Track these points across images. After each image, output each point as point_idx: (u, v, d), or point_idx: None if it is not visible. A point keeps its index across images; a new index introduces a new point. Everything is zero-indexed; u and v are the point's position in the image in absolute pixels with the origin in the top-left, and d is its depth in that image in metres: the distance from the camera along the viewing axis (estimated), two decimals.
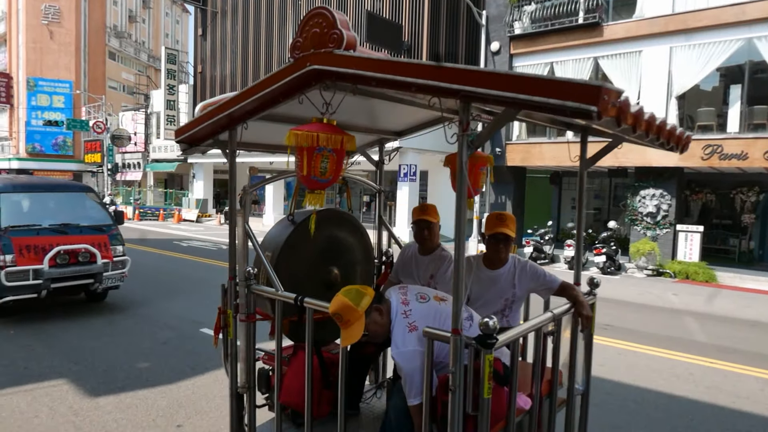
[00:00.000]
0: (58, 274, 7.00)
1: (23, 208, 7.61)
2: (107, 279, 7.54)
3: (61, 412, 4.50)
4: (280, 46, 23.63)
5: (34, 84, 47.25)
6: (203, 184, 27.79)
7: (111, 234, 7.82)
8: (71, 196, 8.29)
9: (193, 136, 3.09)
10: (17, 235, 6.88)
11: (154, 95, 31.97)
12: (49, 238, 7.08)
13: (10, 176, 10.61)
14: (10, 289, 6.66)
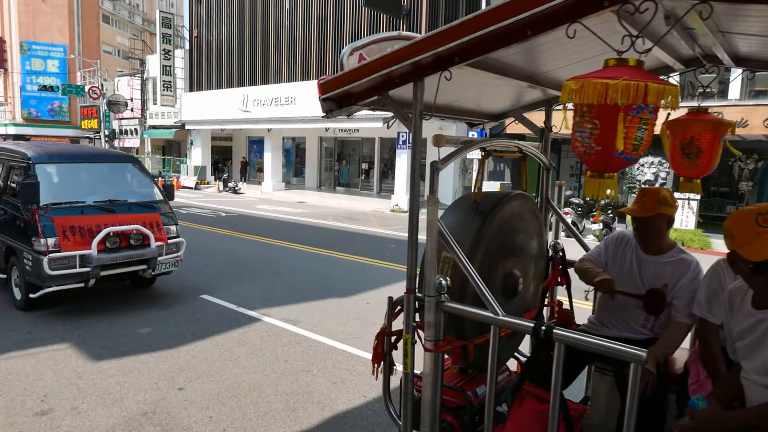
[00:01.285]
0: (108, 260, 6.07)
1: (62, 181, 6.61)
2: (161, 264, 6.59)
3: (65, 374, 4.64)
4: (277, 10, 23.13)
5: (28, 48, 46.38)
6: (201, 151, 27.67)
7: (163, 212, 6.87)
8: (114, 167, 7.30)
9: (349, 92, 2.38)
10: (59, 214, 5.93)
11: (150, 60, 31.46)
12: (96, 217, 6.16)
13: (41, 143, 9.10)
14: (53, 278, 5.77)
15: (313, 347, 5.49)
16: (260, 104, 23.29)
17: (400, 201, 18.72)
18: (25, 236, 6.01)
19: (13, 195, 6.50)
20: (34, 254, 5.78)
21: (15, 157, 6.70)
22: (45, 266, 5.64)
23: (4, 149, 7.08)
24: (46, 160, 6.49)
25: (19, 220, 6.17)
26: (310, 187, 26.50)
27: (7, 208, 6.57)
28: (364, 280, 8.40)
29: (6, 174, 6.83)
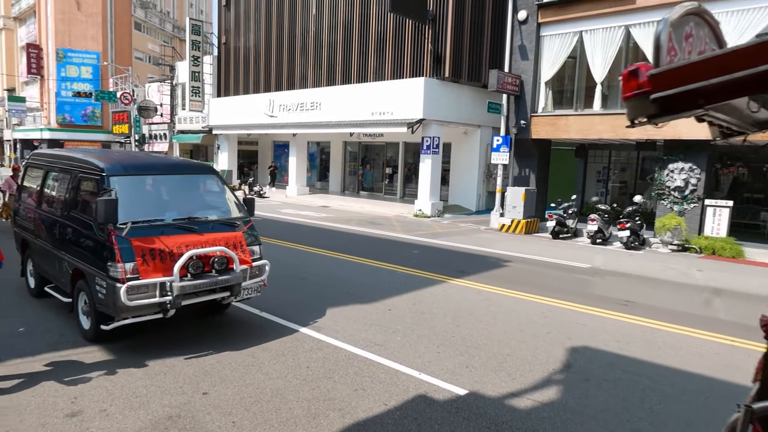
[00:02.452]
0: (191, 288, 5.24)
1: (137, 196, 5.76)
2: (245, 290, 5.82)
3: (95, 377, 4.77)
4: (303, 16, 23.39)
5: (63, 55, 47.90)
6: (227, 155, 28.11)
7: (245, 230, 6.06)
8: (193, 179, 6.46)
9: (701, 91, 1.63)
10: (138, 235, 5.14)
11: (179, 66, 32.15)
12: (176, 238, 5.34)
13: (111, 151, 7.97)
14: (130, 309, 5.01)
15: (334, 354, 5.52)
16: (286, 109, 23.56)
17: (423, 206, 18.69)
18: (97, 259, 5.25)
19: (82, 210, 5.81)
20: (108, 281, 5.03)
21: (85, 167, 5.92)
22: (122, 296, 4.87)
23: (72, 159, 6.42)
24: (120, 171, 5.65)
25: (91, 240, 5.42)
26: (334, 191, 26.67)
27: (75, 225, 5.80)
28: (387, 287, 8.41)
29: (75, 187, 6.05)
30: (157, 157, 7.60)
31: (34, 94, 51.23)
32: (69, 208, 6.03)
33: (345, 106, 20.67)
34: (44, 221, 6.63)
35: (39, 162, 7.40)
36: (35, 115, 51.44)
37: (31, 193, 7.38)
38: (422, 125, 18.33)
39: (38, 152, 7.89)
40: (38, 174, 7.25)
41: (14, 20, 56.94)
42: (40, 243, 6.71)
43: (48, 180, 6.92)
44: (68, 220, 5.97)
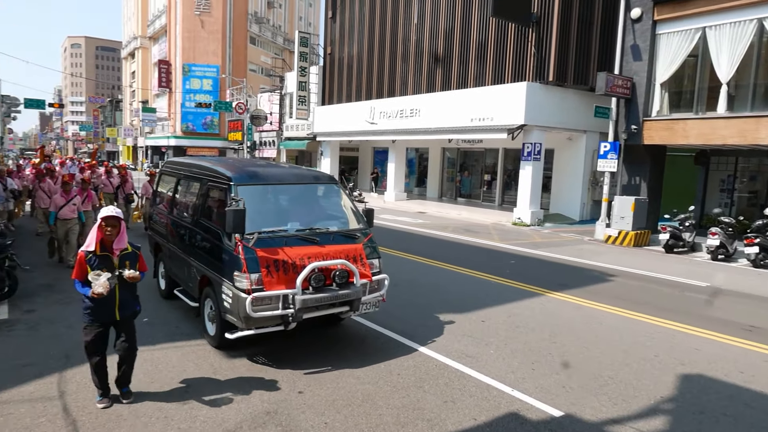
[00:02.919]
0: (313, 302, 5.15)
1: (262, 206, 5.79)
2: (363, 305, 5.64)
3: (204, 368, 5.18)
4: (405, 25, 23.74)
5: (188, 69, 52.72)
6: (330, 161, 29.20)
7: (366, 243, 5.89)
8: (314, 188, 6.47)
9: None
10: (263, 245, 5.14)
11: (288, 77, 34.02)
12: (299, 249, 5.29)
13: (237, 160, 8.30)
14: (254, 320, 4.99)
15: (425, 363, 5.52)
16: (386, 116, 24.02)
17: (522, 214, 18.12)
18: (224, 268, 5.29)
19: (210, 218, 5.93)
20: (234, 290, 5.06)
21: (213, 176, 6.08)
22: (248, 306, 4.86)
23: (201, 167, 6.60)
24: (246, 180, 5.70)
25: (218, 248, 5.48)
26: (431, 197, 26.70)
27: (203, 232, 5.96)
28: (481, 297, 8.27)
29: (203, 195, 6.24)
30: (280, 166, 7.53)
31: (163, 106, 56.84)
32: (198, 215, 6.20)
33: (444, 113, 20.65)
34: (175, 227, 6.91)
35: (171, 169, 7.73)
36: (163, 124, 57.03)
37: (164, 199, 7.75)
38: (523, 131, 17.80)
39: (171, 160, 8.23)
40: (171, 181, 7.59)
41: (149, 39, 63.64)
42: (171, 247, 7.00)
43: (179, 187, 7.24)
44: (197, 227, 6.14)
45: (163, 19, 56.90)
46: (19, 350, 5.55)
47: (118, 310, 4.30)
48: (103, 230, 4.19)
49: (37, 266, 9.17)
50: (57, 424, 4.10)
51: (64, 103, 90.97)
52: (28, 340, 5.89)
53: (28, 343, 5.77)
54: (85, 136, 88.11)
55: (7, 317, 6.64)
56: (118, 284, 4.21)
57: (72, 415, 4.24)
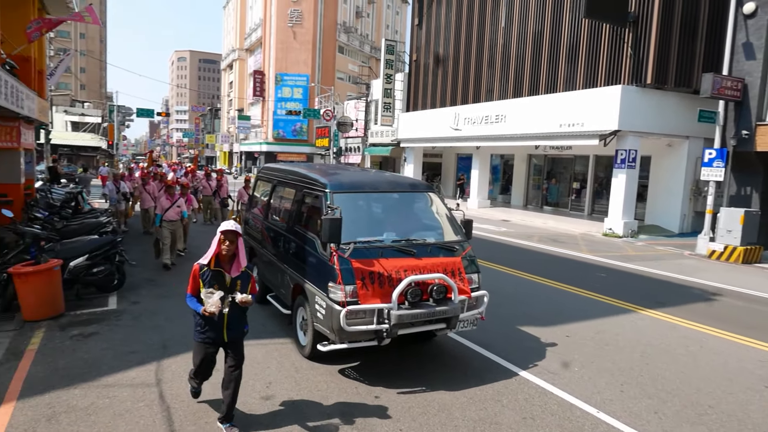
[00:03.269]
0: (409, 318, 4.87)
1: (357, 214, 5.58)
2: (461, 323, 5.30)
3: (286, 366, 5.38)
4: (492, 29, 23.38)
5: (280, 79, 55.32)
6: (413, 167, 29.32)
7: (464, 256, 5.57)
8: (411, 197, 6.22)
9: None
10: (358, 256, 4.97)
11: (374, 84, 34.65)
12: (395, 261, 5.06)
13: (332, 166, 8.18)
14: (348, 334, 4.82)
15: (503, 375, 5.36)
16: (470, 122, 23.75)
17: (614, 225, 17.13)
18: (318, 277, 5.20)
19: (305, 226, 5.86)
20: (328, 302, 4.92)
21: (307, 183, 6.03)
22: (342, 320, 4.70)
23: (296, 174, 6.57)
24: (341, 188, 5.56)
25: (312, 257, 5.39)
26: (515, 205, 25.99)
27: (298, 240, 5.87)
28: (566, 311, 7.90)
29: (299, 201, 6.21)
30: (376, 173, 7.16)
31: (256, 113, 60.04)
32: (293, 222, 6.14)
33: (531, 118, 20.05)
34: (270, 232, 6.94)
35: (267, 175, 7.79)
36: (256, 131, 60.23)
37: (260, 205, 7.81)
38: (617, 137, 16.85)
39: (267, 166, 8.31)
40: (266, 187, 7.67)
41: (246, 51, 67.57)
42: (265, 253, 7.02)
43: (274, 193, 7.25)
44: (292, 234, 6.07)
45: (259, 32, 60.21)
46: (124, 338, 6.08)
47: (226, 330, 4.08)
48: (221, 244, 3.97)
49: (142, 262, 9.98)
50: (153, 409, 4.43)
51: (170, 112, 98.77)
52: (132, 329, 6.43)
53: (132, 332, 6.29)
54: (187, 142, 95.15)
55: (116, 307, 7.30)
56: (228, 303, 3.99)
57: (166, 401, 4.57)
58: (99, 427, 4.12)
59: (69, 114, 45.92)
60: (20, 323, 6.47)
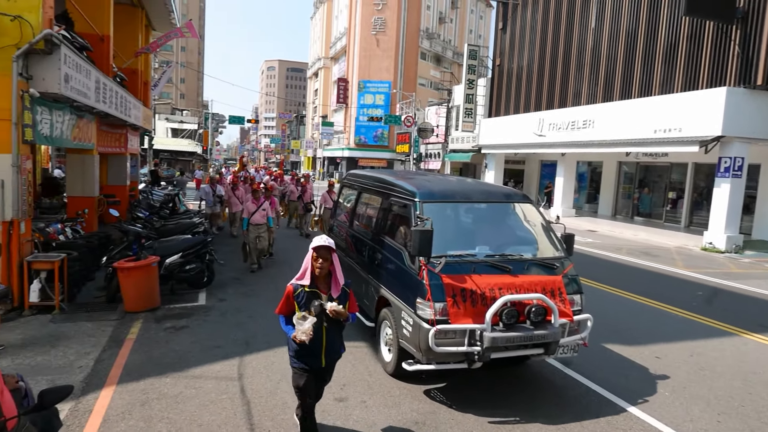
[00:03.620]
0: (503, 342, 4.49)
1: (448, 226, 5.33)
2: (561, 349, 4.83)
3: (360, 370, 5.44)
4: (581, 31, 22.44)
5: (363, 86, 56.46)
6: (494, 173, 28.74)
7: (566, 274, 5.13)
8: (505, 208, 5.83)
9: None
10: (450, 271, 4.67)
11: (456, 90, 34.41)
12: (489, 278, 4.74)
13: (420, 174, 7.71)
14: (435, 355, 4.53)
15: (586, 395, 5.09)
16: (555, 128, 22.91)
17: (715, 238, 15.77)
18: (405, 292, 4.94)
19: (392, 236, 5.63)
20: (416, 319, 4.66)
21: (395, 191, 5.81)
22: (430, 339, 4.42)
23: (383, 181, 6.38)
24: (431, 197, 5.29)
25: (399, 271, 5.15)
26: (603, 214, 24.70)
27: (384, 250, 5.64)
28: (658, 330, 7.37)
29: (386, 210, 5.99)
30: (467, 181, 6.76)
31: (339, 120, 61.63)
32: (379, 231, 5.93)
33: (622, 124, 18.98)
34: (355, 241, 6.74)
35: (353, 182, 7.56)
36: (339, 137, 61.82)
37: (345, 212, 7.66)
38: (720, 143, 15.53)
39: (353, 173, 7.99)
40: (352, 194, 7.49)
41: (331, 60, 69.68)
42: (350, 262, 6.75)
43: (360, 200, 7.04)
44: (377, 244, 5.85)
45: (343, 40, 61.87)
46: (211, 333, 6.44)
47: (324, 356, 3.73)
48: (314, 262, 3.60)
49: (230, 261, 10.54)
50: (235, 402, 4.64)
51: (259, 119, 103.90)
52: (218, 325, 6.79)
53: (218, 328, 6.65)
54: (274, 147, 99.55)
55: (204, 303, 7.76)
56: (326, 326, 3.64)
57: (247, 396, 4.77)
58: (186, 415, 4.39)
59: (169, 121, 49.67)
60: (122, 314, 7.05)
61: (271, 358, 5.69)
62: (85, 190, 10.86)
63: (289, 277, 3.88)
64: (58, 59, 6.87)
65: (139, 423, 4.24)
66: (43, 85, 6.86)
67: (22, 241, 6.93)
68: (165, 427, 4.20)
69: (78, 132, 8.99)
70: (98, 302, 7.59)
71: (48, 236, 8.28)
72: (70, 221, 9.76)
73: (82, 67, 7.99)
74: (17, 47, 6.44)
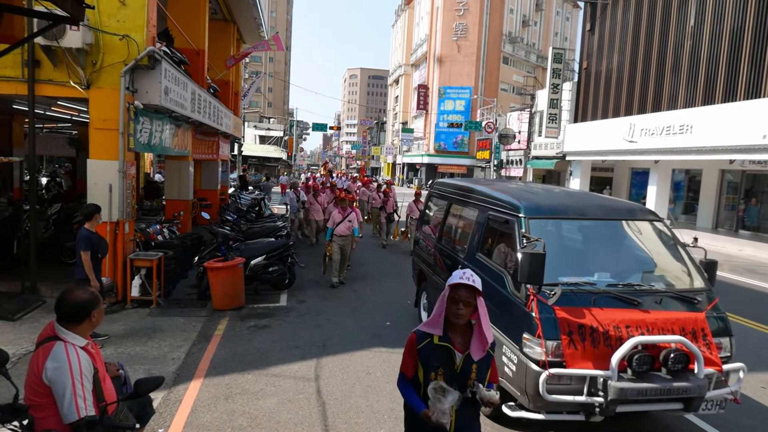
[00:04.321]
0: (633, 394, 3.63)
1: (561, 247, 4.66)
2: (705, 404, 3.89)
3: None
4: (678, 30, 21.01)
5: (443, 92, 56.31)
6: (579, 181, 27.54)
7: (709, 311, 4.17)
8: (629, 227, 4.88)
9: None
10: (563, 302, 3.90)
11: (539, 95, 33.42)
12: (613, 313, 3.92)
13: (518, 183, 6.81)
14: (546, 404, 3.75)
15: (676, 423, 4.70)
16: (648, 134, 21.56)
17: None
18: (508, 324, 4.24)
19: (490, 255, 4.98)
20: (521, 357, 3.95)
21: (494, 204, 5.15)
22: (540, 385, 3.67)
23: (478, 192, 5.74)
24: (538, 212, 4.58)
25: (500, 298, 4.40)
26: (702, 227, 22.87)
27: (479, 272, 4.62)
28: (766, 356, 6.69)
29: (482, 225, 5.29)
30: (576, 192, 5.99)
31: (419, 126, 61.86)
32: (473, 249, 5.29)
33: (725, 128, 17.50)
34: (444, 257, 6.22)
35: (442, 192, 7.09)
36: (419, 143, 62.02)
37: (432, 224, 7.22)
38: None
39: (442, 182, 7.52)
40: (440, 205, 7.03)
41: (411, 67, 70.21)
42: (438, 280, 6.19)
43: (451, 212, 6.53)
44: (471, 263, 5.12)
45: (424, 47, 62.12)
46: (291, 333, 6.66)
47: None
48: (451, 305, 2.52)
49: (309, 265, 10.85)
50: (311, 402, 4.76)
51: (340, 126, 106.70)
52: (297, 326, 7.01)
53: (297, 329, 6.87)
54: (355, 153, 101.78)
55: (285, 304, 8.05)
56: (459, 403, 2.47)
57: (322, 397, 4.88)
58: (265, 411, 4.56)
59: (257, 129, 52.28)
60: (210, 311, 7.48)
61: (347, 361, 5.78)
62: (181, 194, 11.66)
63: (366, 288, 3.78)
64: (159, 73, 7.45)
65: (222, 415, 4.46)
66: (147, 98, 7.45)
67: (126, 240, 7.56)
68: (246, 421, 4.39)
69: (177, 140, 9.69)
70: (190, 299, 8.10)
71: (148, 236, 8.98)
72: (168, 222, 10.52)
73: (180, 79, 8.61)
74: (125, 63, 7.06)
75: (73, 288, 2.62)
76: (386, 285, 9.53)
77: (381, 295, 8.78)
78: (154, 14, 7.54)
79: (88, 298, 2.58)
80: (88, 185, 7.37)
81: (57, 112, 11.49)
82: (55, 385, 2.41)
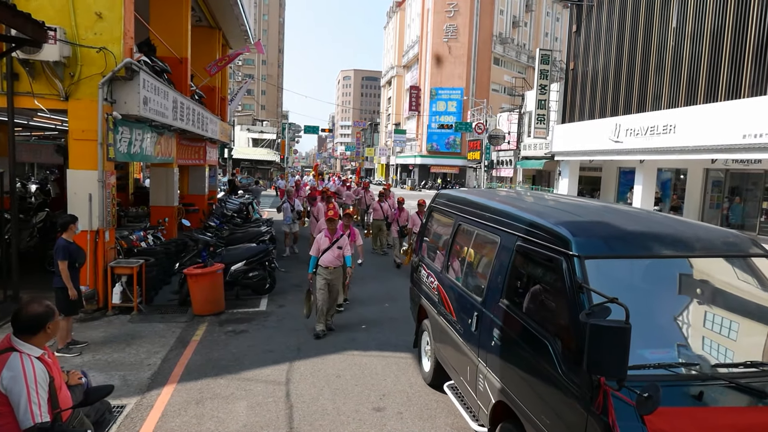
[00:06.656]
0: None
1: (641, 304, 2.85)
2: None
3: (402, 381, 5.56)
4: (660, 31, 21.28)
5: (435, 93, 56.56)
6: (568, 181, 27.78)
7: None
8: (737, 267, 3.33)
9: None
10: (673, 403, 2.41)
11: (528, 95, 33.68)
12: (732, 415, 2.50)
13: (551, 195, 5.64)
14: None
15: None
16: (633, 134, 21.83)
17: None
18: (558, 418, 2.80)
19: (525, 308, 3.33)
20: None
21: (529, 232, 3.46)
22: None
23: (500, 212, 4.04)
24: (602, 249, 3.00)
25: (546, 376, 2.92)
26: None
27: (510, 329, 3.42)
28: None
29: (507, 260, 3.66)
30: (641, 213, 4.08)
31: (411, 127, 62.07)
32: (494, 292, 3.71)
33: (707, 128, 17.75)
34: (451, 292, 4.66)
35: (447, 208, 5.34)
36: (411, 144, 62.22)
37: (435, 247, 5.65)
38: None
39: (446, 194, 5.74)
40: (446, 224, 5.31)
41: (403, 68, 70.43)
42: (442, 322, 4.79)
43: (459, 235, 4.84)
44: (495, 313, 3.63)
45: (415, 48, 62.37)
46: (267, 338, 6.81)
47: None
48: None
49: (292, 270, 10.99)
50: (279, 405, 4.92)
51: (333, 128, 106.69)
52: (275, 330, 7.17)
53: (274, 333, 7.02)
54: (349, 155, 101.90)
55: (265, 309, 8.20)
56: None
57: (291, 400, 5.04)
58: (233, 415, 4.72)
59: (251, 132, 52.40)
60: (190, 316, 7.62)
61: (319, 365, 5.94)
62: (167, 200, 11.78)
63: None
64: (137, 84, 7.59)
65: (192, 419, 4.62)
66: (125, 108, 7.59)
67: (106, 248, 7.69)
68: (214, 425, 4.54)
69: (160, 148, 9.81)
70: (171, 305, 8.24)
71: (131, 243, 9.11)
72: (153, 229, 10.65)
73: (160, 89, 8.75)
74: (102, 75, 7.20)
75: (30, 302, 2.78)
76: (367, 287, 9.69)
77: (360, 296, 8.95)
78: (131, 26, 7.68)
79: (42, 311, 2.73)
80: (68, 195, 7.51)
81: (40, 122, 11.61)
82: (11, 393, 2.57)
